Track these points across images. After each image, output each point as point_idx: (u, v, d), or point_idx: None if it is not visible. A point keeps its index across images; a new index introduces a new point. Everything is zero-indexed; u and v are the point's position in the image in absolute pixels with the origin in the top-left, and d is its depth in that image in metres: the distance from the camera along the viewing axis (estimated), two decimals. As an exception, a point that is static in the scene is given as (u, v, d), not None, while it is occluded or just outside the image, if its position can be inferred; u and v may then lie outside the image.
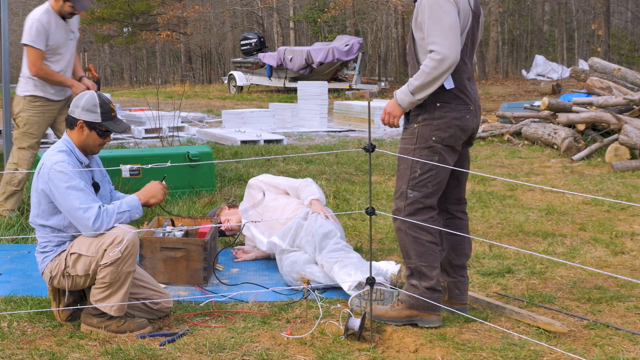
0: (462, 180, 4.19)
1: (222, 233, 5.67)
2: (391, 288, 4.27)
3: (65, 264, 3.90)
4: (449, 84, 3.84)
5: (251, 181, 5.51)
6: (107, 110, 4.00)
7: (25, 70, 6.03)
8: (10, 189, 6.13)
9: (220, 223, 5.53)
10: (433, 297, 3.92)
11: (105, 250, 3.81)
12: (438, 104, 3.86)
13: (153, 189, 4.08)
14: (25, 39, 5.88)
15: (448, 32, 3.71)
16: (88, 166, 4.03)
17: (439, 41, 3.71)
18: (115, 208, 3.89)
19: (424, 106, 3.88)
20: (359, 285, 4.31)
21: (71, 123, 4.00)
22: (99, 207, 3.85)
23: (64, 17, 5.95)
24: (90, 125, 3.98)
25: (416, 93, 3.80)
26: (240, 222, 5.51)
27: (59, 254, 3.94)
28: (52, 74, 5.95)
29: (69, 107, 4.10)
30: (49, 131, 12.05)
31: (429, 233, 3.91)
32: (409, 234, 3.92)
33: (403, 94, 3.86)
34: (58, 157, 3.89)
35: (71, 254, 3.88)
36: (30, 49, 5.86)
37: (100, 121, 3.98)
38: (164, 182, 4.17)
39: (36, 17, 5.84)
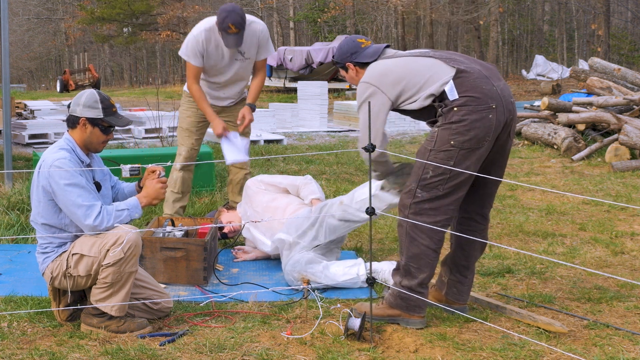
0: (489, 183, 4.05)
1: (224, 235, 5.66)
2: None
3: (67, 265, 3.89)
4: (452, 94, 3.79)
5: (248, 182, 5.47)
6: (108, 106, 4.00)
7: None
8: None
9: (221, 223, 5.53)
10: (412, 298, 3.89)
11: (108, 250, 3.81)
12: (455, 109, 3.78)
13: (153, 191, 4.07)
14: (180, 51, 5.67)
15: (364, 124, 3.91)
16: (89, 166, 4.03)
17: (360, 132, 3.96)
18: (114, 207, 3.91)
19: (444, 114, 3.82)
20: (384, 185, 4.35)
21: (73, 122, 4.00)
22: (101, 205, 3.86)
23: None
24: (93, 121, 3.98)
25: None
26: (241, 222, 5.50)
27: (60, 254, 3.94)
28: (198, 98, 5.66)
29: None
30: (49, 130, 12.14)
31: (428, 237, 3.85)
32: (408, 233, 3.89)
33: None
34: (59, 155, 3.89)
35: (73, 254, 3.88)
36: (187, 62, 5.64)
37: (102, 117, 3.98)
38: (162, 176, 4.15)
39: (194, 32, 5.57)
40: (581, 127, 10.34)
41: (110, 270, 3.81)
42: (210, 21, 5.62)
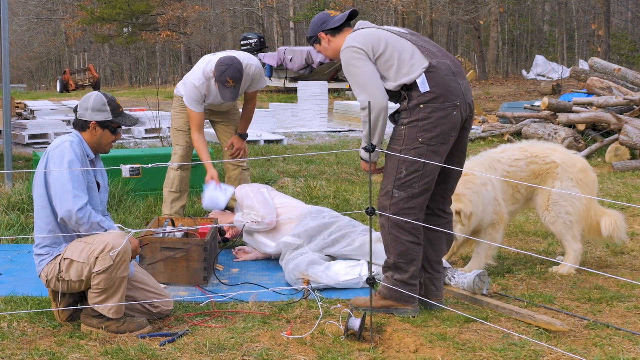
0: (449, 178, 4.19)
1: (225, 240, 5.65)
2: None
3: (59, 269, 3.90)
4: (424, 87, 3.90)
5: (236, 191, 5.50)
6: (115, 107, 4.06)
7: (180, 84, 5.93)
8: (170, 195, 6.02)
9: (220, 224, 5.52)
10: (405, 289, 4.05)
11: (97, 257, 3.81)
12: (421, 106, 3.91)
13: (131, 244, 3.98)
14: (185, 100, 5.72)
15: (364, 84, 3.93)
16: (93, 160, 4.07)
17: (359, 93, 3.95)
18: (99, 220, 3.90)
19: (409, 109, 3.94)
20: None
21: (82, 126, 4.04)
22: (87, 202, 3.87)
23: None
24: (103, 124, 4.03)
25: (367, 142, 3.95)
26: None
27: (55, 257, 3.94)
28: (198, 148, 5.75)
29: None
30: (49, 130, 12.13)
31: (410, 234, 4.01)
32: (391, 233, 4.04)
33: (361, 151, 4.05)
34: (71, 138, 3.97)
35: (64, 258, 3.89)
36: (190, 110, 5.72)
37: (111, 118, 4.03)
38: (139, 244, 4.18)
39: (196, 83, 5.64)
40: (581, 127, 10.34)
41: (101, 277, 3.82)
42: (208, 68, 5.67)
